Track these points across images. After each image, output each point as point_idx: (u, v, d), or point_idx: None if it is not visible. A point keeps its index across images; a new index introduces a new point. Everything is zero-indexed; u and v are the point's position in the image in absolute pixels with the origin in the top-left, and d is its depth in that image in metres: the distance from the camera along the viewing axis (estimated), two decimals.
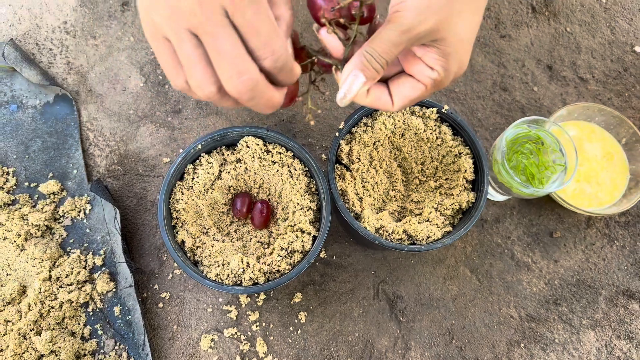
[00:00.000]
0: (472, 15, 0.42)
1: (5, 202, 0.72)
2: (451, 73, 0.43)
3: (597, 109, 0.80)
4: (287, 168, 0.67)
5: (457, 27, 0.41)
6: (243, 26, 0.36)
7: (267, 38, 0.37)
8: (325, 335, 0.72)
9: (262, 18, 0.36)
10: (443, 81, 0.44)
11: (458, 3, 0.41)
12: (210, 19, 0.36)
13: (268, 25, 0.37)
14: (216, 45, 0.36)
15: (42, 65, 0.82)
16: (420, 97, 0.45)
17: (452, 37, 0.41)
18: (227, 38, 0.36)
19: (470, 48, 0.44)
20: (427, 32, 0.40)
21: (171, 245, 0.60)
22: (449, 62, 0.42)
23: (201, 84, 0.39)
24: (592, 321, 0.75)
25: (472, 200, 0.66)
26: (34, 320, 0.66)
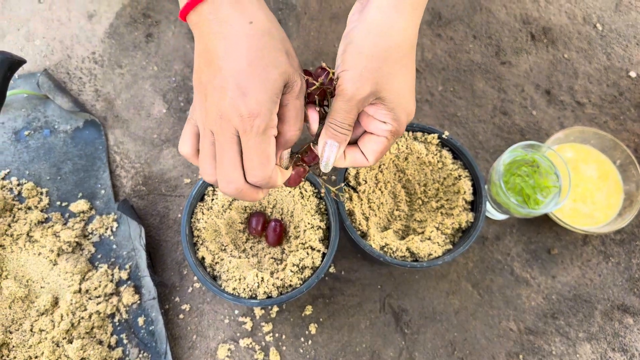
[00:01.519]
0: (402, 72, 0.48)
1: (40, 220, 0.78)
2: (402, 121, 0.50)
3: (593, 132, 0.84)
4: (299, 190, 0.72)
5: (392, 85, 0.47)
6: (244, 149, 0.45)
7: (258, 166, 0.46)
8: (334, 345, 0.76)
9: (260, 149, 0.45)
10: (399, 130, 0.50)
11: (386, 67, 0.47)
12: (223, 132, 0.45)
13: (261, 157, 0.45)
14: (220, 153, 0.46)
15: (73, 93, 0.88)
16: (387, 147, 0.51)
17: (390, 94, 0.48)
18: (228, 152, 0.46)
19: (411, 95, 0.50)
20: (368, 95, 0.47)
21: (193, 261, 0.66)
22: (396, 113, 0.49)
23: (204, 172, 0.49)
24: (588, 334, 0.79)
25: (471, 220, 0.71)
26: (65, 330, 0.72)
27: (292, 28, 0.95)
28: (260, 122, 0.43)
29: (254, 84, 0.43)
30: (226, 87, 0.43)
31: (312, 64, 0.92)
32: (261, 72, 0.43)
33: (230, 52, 0.44)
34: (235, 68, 0.43)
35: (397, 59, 0.47)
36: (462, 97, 0.92)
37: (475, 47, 0.96)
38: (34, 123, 0.86)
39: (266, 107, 0.43)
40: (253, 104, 0.43)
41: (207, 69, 0.45)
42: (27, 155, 0.84)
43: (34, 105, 0.87)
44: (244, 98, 0.43)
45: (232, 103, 0.43)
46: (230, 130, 0.44)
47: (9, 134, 0.85)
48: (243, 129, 0.44)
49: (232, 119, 0.44)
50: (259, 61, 0.43)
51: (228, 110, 0.43)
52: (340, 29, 0.95)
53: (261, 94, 0.43)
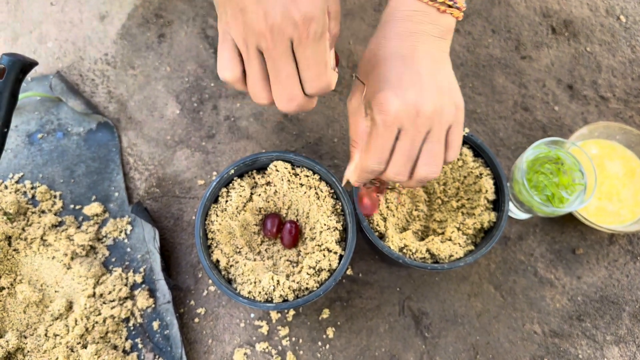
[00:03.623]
0: (374, 72, 0.51)
1: (53, 224, 0.78)
2: (373, 108, 0.49)
3: (618, 127, 0.81)
4: (314, 190, 0.70)
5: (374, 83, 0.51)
6: (301, 59, 0.42)
7: (317, 74, 0.43)
8: (352, 350, 0.74)
9: (318, 57, 0.42)
10: (373, 116, 0.50)
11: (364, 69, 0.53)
12: (276, 45, 0.41)
13: (320, 65, 0.42)
14: (275, 69, 0.43)
15: (86, 95, 0.87)
16: (371, 139, 0.51)
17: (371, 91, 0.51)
18: (285, 66, 0.42)
19: (390, 86, 0.49)
20: (353, 102, 0.54)
21: (207, 264, 0.64)
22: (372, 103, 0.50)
23: (256, 96, 0.46)
24: (616, 337, 0.77)
25: (494, 220, 0.68)
26: (80, 334, 0.71)
27: None
28: (317, 27, 0.40)
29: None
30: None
31: None
32: None
33: None
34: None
35: (374, 64, 0.52)
36: (482, 93, 0.89)
37: (495, 41, 0.94)
38: (47, 126, 0.85)
39: (321, 9, 0.40)
40: (308, 7, 0.39)
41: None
42: (41, 159, 0.83)
43: (47, 108, 0.86)
44: (295, 2, 0.39)
45: (284, 10, 0.39)
46: (284, 43, 0.41)
47: (23, 137, 0.84)
48: (299, 37, 0.40)
49: (286, 28, 0.40)
50: None
51: (279, 19, 0.39)
52: (355, 26, 0.93)
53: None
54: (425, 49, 0.51)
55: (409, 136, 0.48)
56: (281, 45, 0.41)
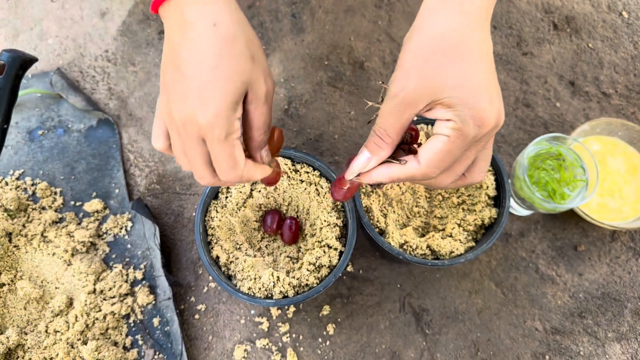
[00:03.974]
0: (455, 64, 0.42)
1: (54, 220, 0.78)
2: (467, 119, 0.42)
3: (620, 124, 0.81)
4: (315, 186, 0.70)
5: (444, 79, 0.42)
6: (211, 153, 0.46)
7: (227, 168, 0.46)
8: (353, 346, 0.74)
9: (225, 155, 0.45)
10: (463, 128, 0.42)
11: (433, 60, 0.42)
12: (187, 136, 0.45)
13: (228, 161, 0.46)
14: (188, 154, 0.47)
15: (86, 92, 0.87)
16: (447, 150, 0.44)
17: (444, 89, 0.42)
18: (195, 154, 0.46)
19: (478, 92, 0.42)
20: (413, 92, 0.42)
21: (207, 260, 0.64)
22: (458, 110, 0.42)
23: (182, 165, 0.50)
24: (617, 334, 0.76)
25: (494, 216, 0.68)
26: (80, 331, 0.71)
27: (306, 22, 0.93)
28: (219, 131, 0.44)
29: (212, 92, 0.43)
30: (187, 95, 0.43)
31: (327, 57, 0.90)
32: (222, 80, 0.43)
33: (192, 57, 0.43)
34: (195, 74, 0.43)
35: (446, 50, 0.42)
36: None
37: (496, 37, 0.93)
38: (48, 122, 0.85)
39: (224, 117, 0.43)
40: (211, 114, 0.43)
41: (171, 70, 0.45)
42: (41, 155, 0.83)
43: (48, 105, 0.86)
44: (203, 108, 0.43)
45: (192, 112, 0.43)
46: (194, 135, 0.45)
47: (23, 133, 0.84)
48: (205, 136, 0.44)
49: (194, 127, 0.44)
50: (219, 69, 0.43)
51: (189, 118, 0.44)
52: (356, 22, 0.93)
53: (219, 105, 0.43)
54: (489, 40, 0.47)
55: (479, 147, 0.46)
56: (191, 136, 0.45)
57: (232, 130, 0.44)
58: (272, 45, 0.91)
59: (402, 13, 0.94)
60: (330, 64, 0.90)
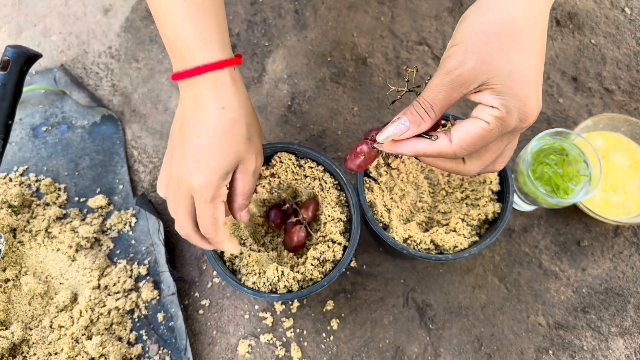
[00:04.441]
0: (516, 51, 0.41)
1: (58, 216, 0.78)
2: (512, 110, 0.41)
3: (623, 119, 0.81)
4: (318, 181, 0.70)
5: (502, 65, 0.41)
6: (197, 211, 0.53)
7: (208, 225, 0.53)
8: (356, 341, 0.74)
9: (207, 214, 0.53)
10: (506, 119, 0.42)
11: (496, 42, 0.41)
12: (179, 190, 0.53)
13: (210, 219, 0.53)
14: (176, 204, 0.55)
15: (90, 88, 0.88)
16: (482, 136, 0.43)
17: (499, 75, 0.41)
18: (181, 206, 0.54)
19: (528, 83, 0.42)
20: (469, 71, 0.41)
21: (212, 255, 0.64)
22: (505, 99, 0.41)
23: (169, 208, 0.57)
24: (620, 329, 0.76)
25: (498, 211, 0.68)
26: (85, 326, 0.71)
27: (309, 18, 0.93)
28: (207, 194, 0.51)
29: (209, 162, 0.51)
30: (187, 158, 0.51)
31: (330, 54, 0.91)
32: (218, 153, 0.51)
33: (199, 129, 0.51)
34: (199, 144, 0.51)
35: (510, 35, 0.41)
36: None
37: None
38: (52, 119, 0.85)
39: (214, 184, 0.51)
40: (202, 179, 0.51)
41: (178, 134, 0.53)
42: (45, 151, 0.83)
43: (51, 101, 0.87)
44: (197, 172, 0.51)
45: (188, 173, 0.51)
46: (184, 190, 0.52)
47: (27, 130, 0.85)
48: (194, 195, 0.52)
49: (186, 184, 0.52)
50: (219, 144, 0.51)
51: (184, 176, 0.52)
52: (359, 18, 0.93)
53: (212, 173, 0.51)
54: None
55: (511, 139, 0.46)
56: (182, 191, 0.53)
57: (218, 195, 0.52)
58: (275, 42, 0.91)
59: (404, 9, 0.94)
60: (333, 60, 0.91)
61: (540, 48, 0.43)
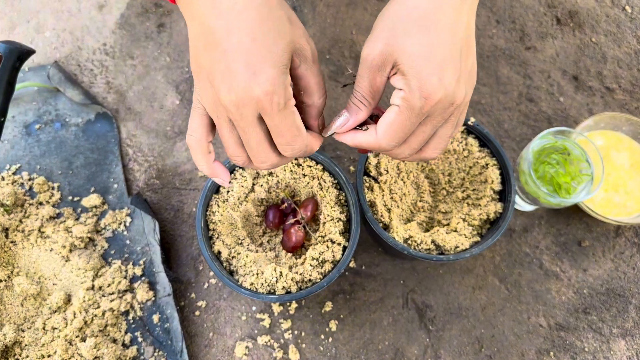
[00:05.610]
0: (420, 34, 0.43)
1: (51, 216, 0.76)
2: (414, 89, 0.43)
3: (625, 118, 0.80)
4: (317, 181, 0.69)
5: (406, 47, 0.43)
6: (271, 127, 0.44)
7: (291, 139, 0.45)
8: (355, 343, 0.73)
9: (287, 123, 0.43)
10: (409, 98, 0.43)
11: (400, 27, 0.43)
12: (242, 117, 0.43)
13: (291, 130, 0.44)
14: (245, 138, 0.45)
15: (84, 85, 0.86)
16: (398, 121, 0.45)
17: (402, 56, 0.43)
18: (254, 136, 0.44)
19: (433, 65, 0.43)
20: (378, 55, 0.43)
21: (208, 255, 0.63)
22: (408, 79, 0.43)
23: (233, 156, 0.48)
24: (622, 330, 0.76)
25: (500, 211, 0.67)
26: (79, 328, 0.69)
27: (307, 15, 0.92)
28: (278, 99, 0.42)
29: (261, 60, 0.41)
30: (234, 70, 0.41)
31: (329, 51, 0.89)
32: (267, 45, 0.41)
33: (230, 30, 0.41)
34: (238, 47, 0.41)
35: (414, 20, 0.43)
36: (486, 84, 0.88)
37: (499, 32, 0.92)
38: (45, 116, 0.84)
39: (280, 82, 0.41)
40: (266, 83, 0.41)
41: (206, 52, 0.43)
42: (38, 150, 0.82)
43: (45, 99, 0.85)
44: (255, 78, 0.41)
45: (245, 86, 0.41)
46: (250, 114, 0.43)
47: (20, 127, 0.83)
48: (263, 110, 0.42)
49: (249, 103, 0.42)
50: (262, 35, 0.41)
51: (242, 94, 0.41)
52: (358, 15, 0.92)
53: (272, 70, 0.41)
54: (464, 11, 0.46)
55: (434, 123, 0.46)
56: (247, 117, 0.43)
57: (289, 95, 0.43)
58: None
59: None
60: (331, 58, 0.89)
61: (450, 31, 0.44)
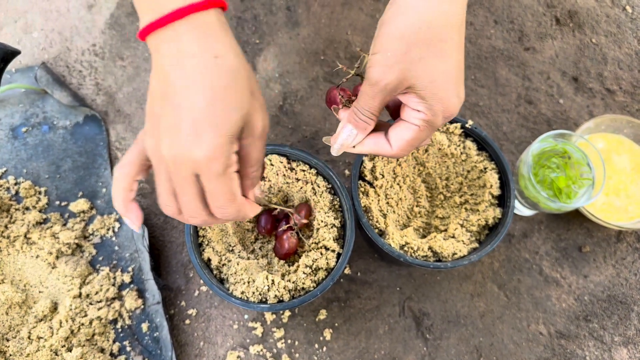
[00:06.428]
0: (437, 57, 0.44)
1: (38, 221, 0.74)
2: (437, 112, 0.46)
3: (625, 121, 0.78)
4: (311, 185, 0.67)
5: (423, 72, 0.44)
6: (206, 189, 0.43)
7: (224, 203, 0.44)
8: (350, 352, 0.71)
9: (222, 189, 0.43)
10: (433, 120, 0.46)
11: (416, 50, 0.43)
12: (178, 173, 0.42)
13: (226, 196, 0.43)
14: (179, 192, 0.43)
15: (72, 87, 0.84)
16: (416, 138, 0.48)
17: (421, 82, 0.44)
18: (187, 191, 0.43)
19: (450, 85, 0.45)
20: (394, 81, 0.44)
21: (198, 263, 0.61)
22: (430, 103, 0.45)
23: (163, 204, 0.46)
24: (624, 338, 0.74)
25: (499, 216, 0.65)
26: (65, 337, 0.67)
27: (301, 15, 0.90)
28: (217, 165, 0.41)
29: (210, 125, 0.40)
30: (180, 127, 0.40)
31: (324, 52, 0.87)
32: (221, 113, 0.40)
33: (189, 88, 0.40)
34: (191, 107, 0.40)
35: (430, 41, 0.43)
36: (484, 86, 0.86)
37: (497, 32, 0.90)
38: (32, 119, 0.82)
39: (222, 151, 0.41)
40: (208, 148, 0.40)
41: (161, 101, 0.41)
42: (25, 153, 0.80)
43: (32, 101, 0.83)
44: (199, 140, 0.40)
45: (187, 146, 0.40)
46: (187, 173, 0.42)
47: (6, 130, 0.81)
48: (200, 172, 0.41)
49: (187, 162, 0.41)
50: (220, 102, 0.40)
51: (181, 152, 0.41)
52: (353, 16, 0.90)
53: (217, 138, 0.40)
54: None
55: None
56: (183, 174, 0.42)
57: (231, 163, 0.42)
58: (266, 40, 0.88)
59: None
60: (326, 58, 0.87)
61: (458, 46, 0.45)
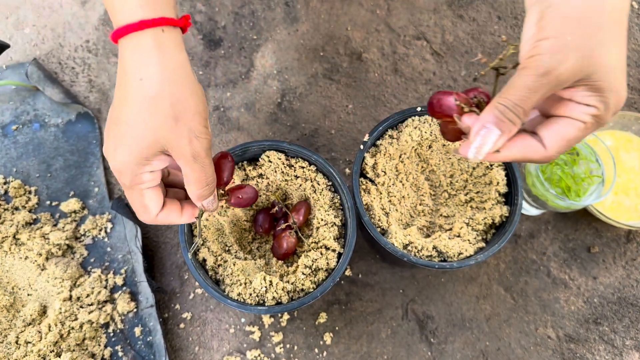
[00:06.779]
0: (616, 44, 0.38)
1: (27, 222, 0.72)
2: (610, 107, 0.39)
3: (634, 118, 0.76)
4: (311, 182, 0.65)
5: (603, 59, 0.38)
6: None
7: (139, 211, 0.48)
8: (352, 357, 0.69)
9: (132, 200, 0.47)
10: (603, 116, 0.39)
11: (600, 35, 0.37)
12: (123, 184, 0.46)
13: (136, 206, 0.48)
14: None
15: (65, 84, 0.82)
16: (579, 137, 0.40)
17: (600, 70, 0.38)
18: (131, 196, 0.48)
19: (623, 76, 0.39)
20: (569, 71, 0.37)
21: (192, 264, 0.58)
22: (605, 96, 0.38)
23: None
24: (636, 341, 0.71)
25: (506, 215, 0.63)
26: (54, 342, 0.65)
27: (300, 11, 0.88)
28: (124, 179, 0.45)
29: (125, 142, 0.44)
30: (108, 135, 0.45)
31: (323, 48, 0.85)
32: (134, 134, 0.43)
33: (118, 104, 0.44)
34: (117, 120, 0.44)
35: (611, 27, 0.38)
36: (488, 82, 0.84)
37: (501, 28, 0.88)
38: (23, 117, 0.79)
39: (129, 169, 0.44)
40: (118, 162, 0.44)
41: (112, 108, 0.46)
42: (15, 151, 0.77)
43: (23, 98, 0.80)
44: (114, 153, 0.44)
45: (108, 152, 0.45)
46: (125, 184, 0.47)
47: None
48: (122, 184, 0.46)
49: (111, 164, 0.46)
50: (135, 123, 0.43)
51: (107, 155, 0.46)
52: (353, 11, 0.88)
53: (127, 156, 0.44)
54: None
55: None
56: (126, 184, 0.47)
57: (138, 181, 0.45)
58: (265, 36, 0.86)
59: (401, 2, 0.89)
60: (325, 55, 0.85)
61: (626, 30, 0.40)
